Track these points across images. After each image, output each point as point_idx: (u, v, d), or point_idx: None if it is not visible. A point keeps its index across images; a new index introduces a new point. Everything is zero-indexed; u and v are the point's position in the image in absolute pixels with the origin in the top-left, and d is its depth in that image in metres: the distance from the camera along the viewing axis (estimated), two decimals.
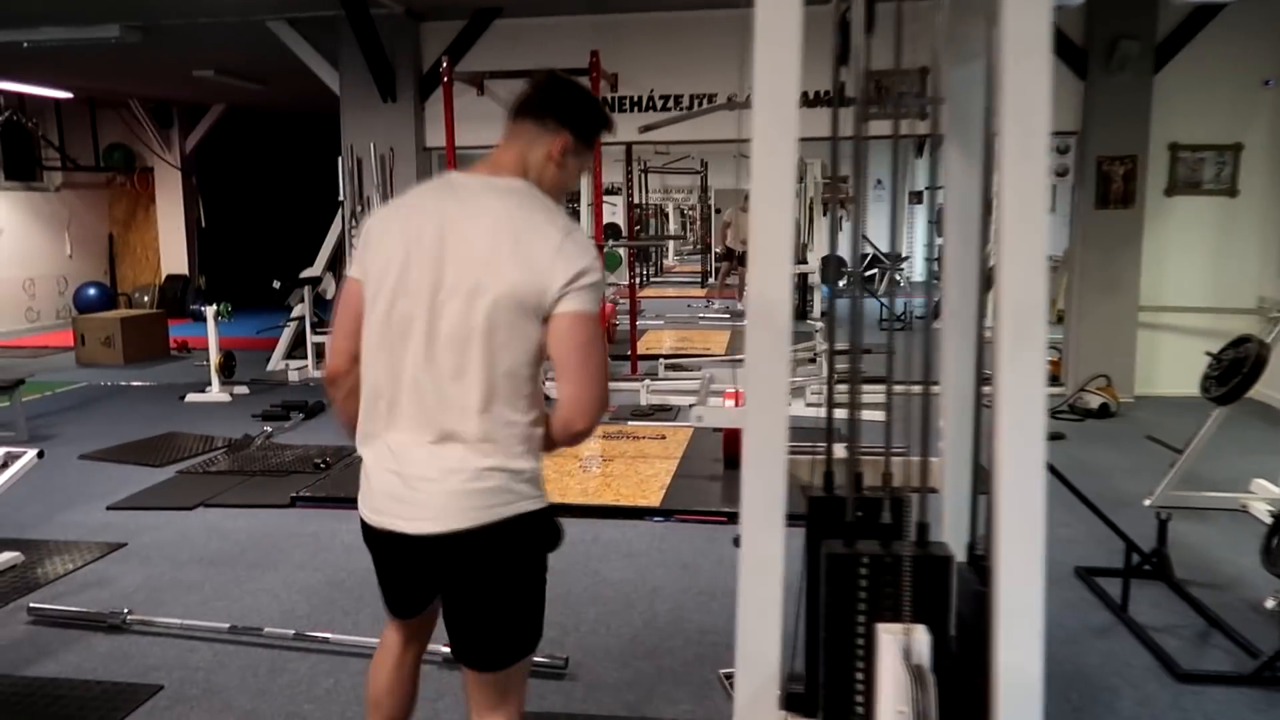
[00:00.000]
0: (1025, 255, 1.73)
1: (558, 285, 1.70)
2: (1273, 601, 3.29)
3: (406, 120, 7.14)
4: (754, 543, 1.90)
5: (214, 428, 6.19)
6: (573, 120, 1.85)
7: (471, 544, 1.72)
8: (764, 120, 1.82)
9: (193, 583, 3.64)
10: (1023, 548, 1.78)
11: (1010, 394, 1.72)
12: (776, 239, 1.83)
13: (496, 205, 1.75)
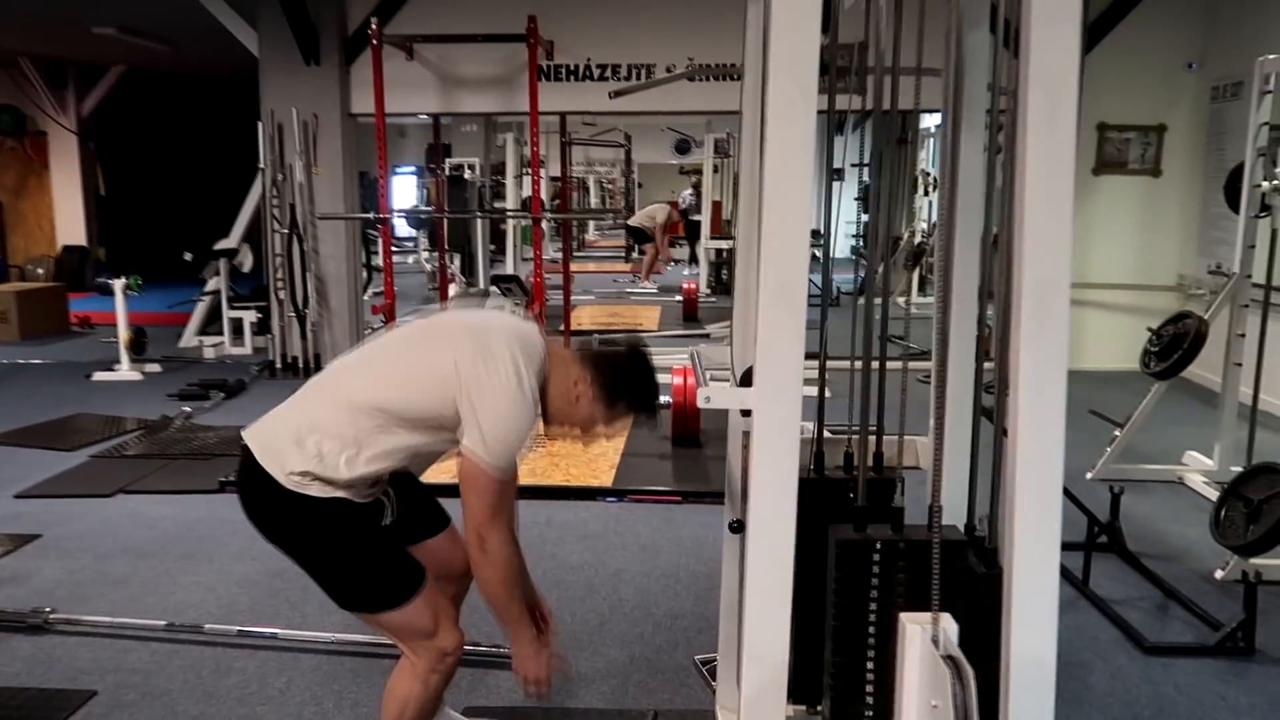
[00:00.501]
0: (1049, 227, 1.66)
1: (475, 410, 1.87)
2: (1222, 572, 3.38)
3: (331, 85, 6.79)
4: (763, 532, 1.80)
5: (126, 408, 5.83)
6: (603, 367, 2.00)
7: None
8: (780, 89, 1.70)
9: (119, 576, 3.38)
10: (1039, 532, 1.72)
11: (1030, 372, 1.65)
12: (794, 213, 1.73)
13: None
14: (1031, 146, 1.65)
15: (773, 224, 1.74)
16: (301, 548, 1.93)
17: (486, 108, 7.12)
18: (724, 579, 2.41)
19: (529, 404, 1.86)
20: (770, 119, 1.71)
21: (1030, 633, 1.72)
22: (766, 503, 1.81)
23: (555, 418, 2.00)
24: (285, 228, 6.81)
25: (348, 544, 1.91)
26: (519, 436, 1.86)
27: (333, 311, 7.06)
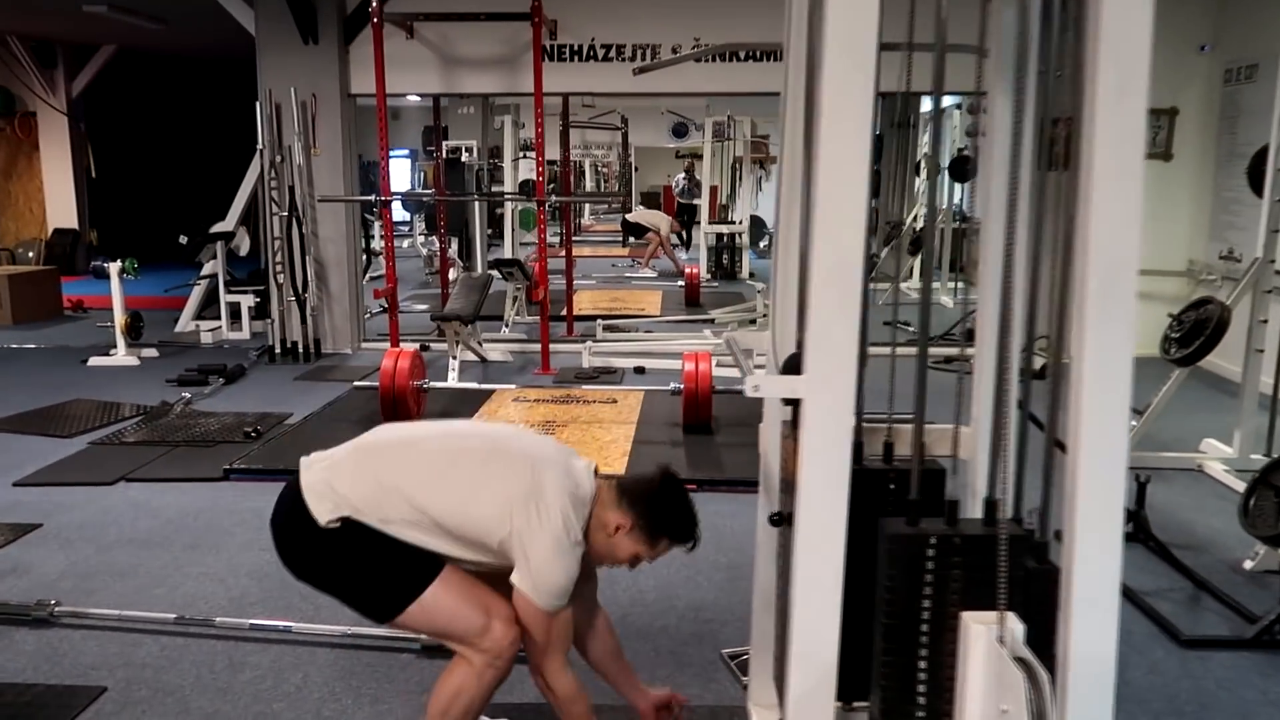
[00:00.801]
0: (1118, 208, 1.58)
1: (529, 555, 1.96)
2: (1251, 562, 3.32)
3: (330, 64, 6.67)
4: (814, 527, 1.72)
5: (124, 394, 5.72)
6: (639, 499, 2.06)
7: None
8: (837, 67, 1.61)
9: (124, 568, 3.29)
10: (1101, 527, 1.65)
11: (1094, 359, 1.58)
12: (850, 193, 1.64)
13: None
14: (1100, 124, 1.57)
15: (827, 204, 1.65)
16: (323, 573, 2.02)
17: (488, 88, 7.01)
18: (758, 572, 2.33)
19: (575, 554, 1.94)
20: (826, 98, 1.63)
21: (1091, 630, 1.65)
22: (817, 496, 1.73)
23: (600, 558, 2.07)
24: (284, 211, 6.68)
25: (364, 555, 1.95)
26: (567, 580, 1.92)
27: (333, 296, 6.95)
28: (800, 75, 2.09)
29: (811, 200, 1.72)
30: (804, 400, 1.71)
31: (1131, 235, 1.58)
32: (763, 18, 6.48)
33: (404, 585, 1.93)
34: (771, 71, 6.65)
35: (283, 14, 6.46)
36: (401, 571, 1.94)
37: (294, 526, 1.98)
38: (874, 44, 1.62)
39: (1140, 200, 1.58)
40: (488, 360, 6.58)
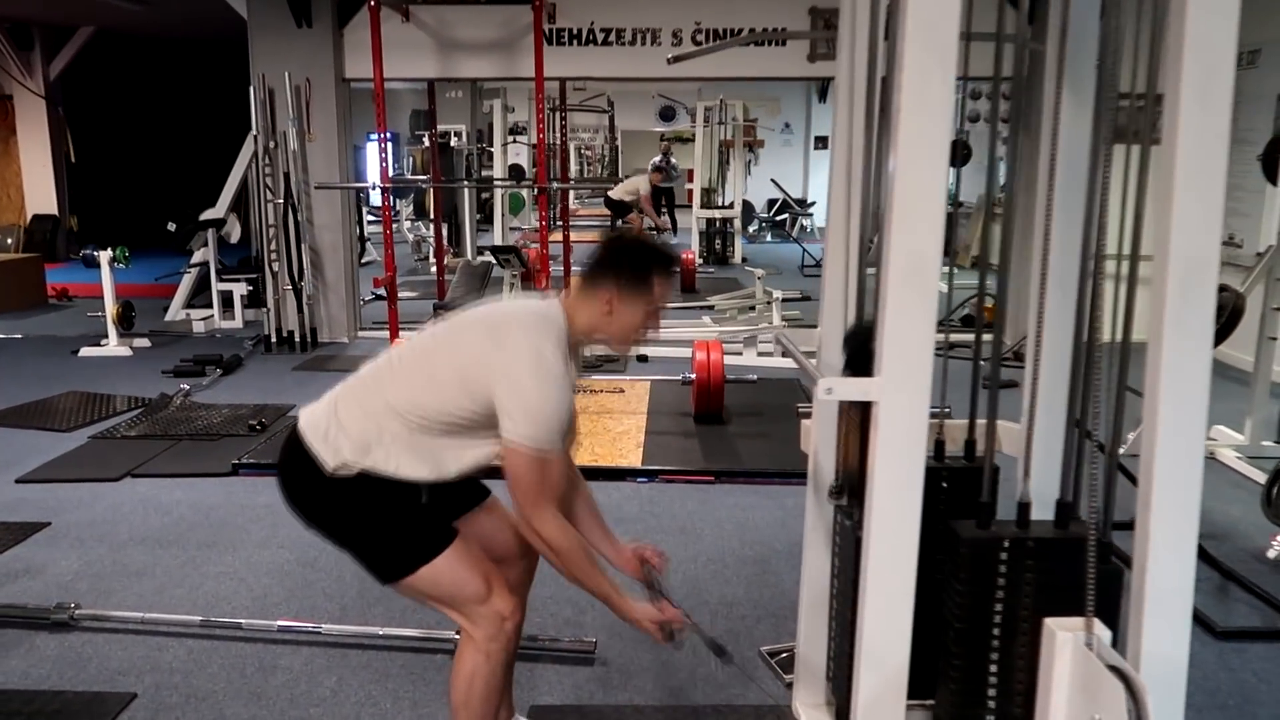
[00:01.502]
0: (1200, 206, 1.56)
1: (504, 400, 1.84)
2: (1274, 550, 3.34)
3: (325, 48, 6.54)
4: (886, 528, 1.70)
5: (119, 385, 5.61)
6: (615, 262, 1.92)
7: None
8: (917, 54, 1.57)
9: (141, 567, 3.22)
10: (1177, 530, 1.64)
11: (1172, 357, 1.56)
12: (929, 188, 1.61)
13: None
14: (1182, 119, 1.54)
15: (904, 199, 1.62)
16: (335, 523, 1.95)
17: (486, 73, 6.90)
18: (807, 568, 2.30)
19: (556, 374, 1.82)
20: (905, 89, 1.59)
21: (1164, 632, 1.64)
22: (891, 499, 1.70)
23: (612, 341, 1.97)
24: (279, 198, 6.57)
25: (377, 511, 1.91)
26: (554, 408, 1.81)
27: (328, 284, 6.85)
28: (856, 67, 2.04)
29: (885, 198, 1.68)
30: (879, 402, 1.67)
31: (1213, 234, 1.56)
32: (758, 2, 6.42)
33: (417, 549, 1.91)
34: (768, 56, 6.60)
35: None
36: (415, 534, 1.93)
37: (301, 473, 1.90)
38: (955, 34, 1.59)
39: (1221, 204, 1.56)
40: None
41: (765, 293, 7.11)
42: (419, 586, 1.92)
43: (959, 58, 1.59)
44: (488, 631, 1.92)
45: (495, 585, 1.93)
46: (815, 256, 10.68)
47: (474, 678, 1.94)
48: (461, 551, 1.93)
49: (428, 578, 1.90)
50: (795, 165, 16.75)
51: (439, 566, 1.89)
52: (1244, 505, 3.74)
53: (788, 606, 2.91)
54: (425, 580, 1.90)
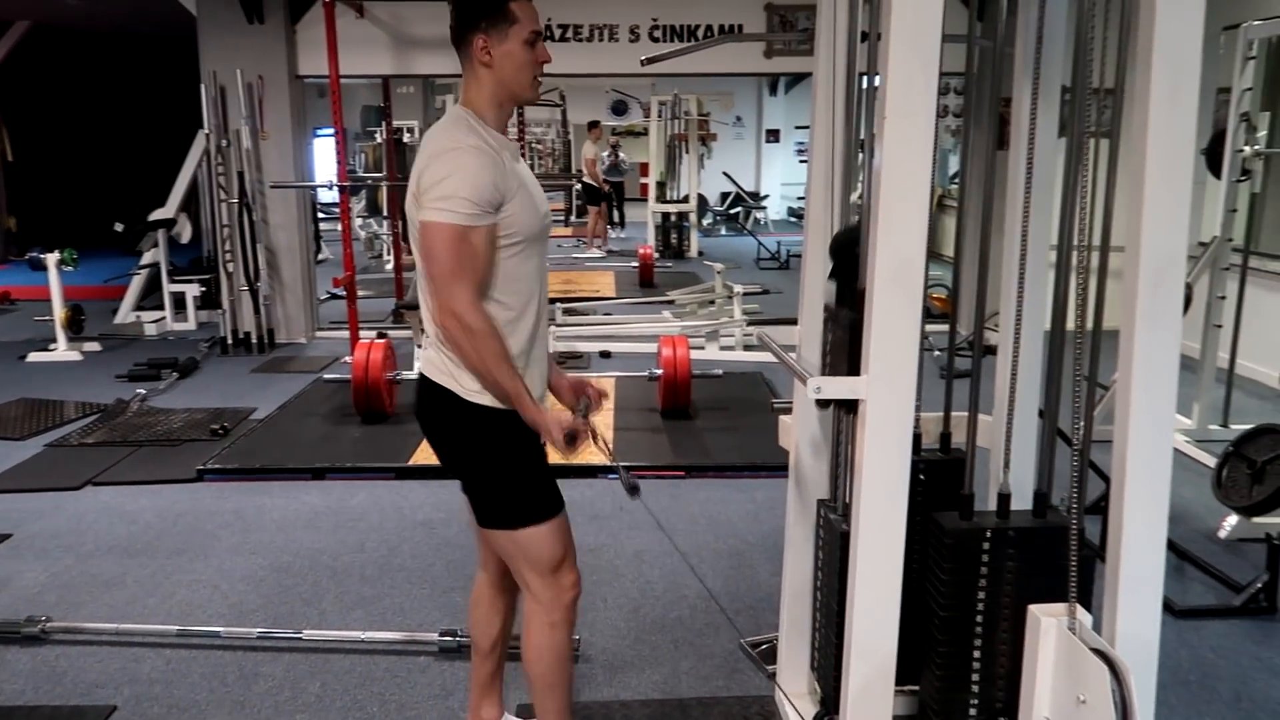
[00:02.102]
0: (1168, 208, 1.64)
1: (421, 196, 1.78)
2: (1225, 531, 3.47)
3: (277, 44, 6.44)
4: (872, 525, 1.75)
5: (71, 391, 5.49)
6: (469, 11, 1.83)
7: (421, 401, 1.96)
8: (900, 64, 1.62)
9: (110, 578, 3.17)
10: (1147, 514, 1.71)
11: (1143, 350, 1.63)
12: (913, 192, 1.65)
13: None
14: (1152, 123, 1.61)
15: (890, 203, 1.66)
16: (475, 458, 1.93)
17: (442, 69, 6.86)
18: (788, 560, 2.35)
19: (465, 147, 1.77)
20: (890, 96, 1.63)
21: (1137, 614, 1.70)
22: (877, 495, 1.75)
23: (515, 91, 1.85)
24: (233, 197, 6.46)
25: (517, 454, 1.92)
26: (465, 174, 1.74)
27: (285, 284, 6.77)
28: (835, 67, 2.08)
29: (870, 203, 1.72)
30: (865, 400, 1.72)
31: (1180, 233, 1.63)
32: None
33: (540, 504, 1.93)
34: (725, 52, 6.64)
35: None
36: (543, 490, 1.95)
37: (441, 407, 1.89)
38: (938, 43, 1.63)
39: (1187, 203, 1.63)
40: None
41: (725, 287, 7.17)
42: (519, 540, 1.93)
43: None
44: (551, 600, 1.97)
45: (569, 555, 2.00)
46: (770, 249, 10.79)
47: (546, 650, 1.99)
48: (565, 520, 1.98)
49: (534, 535, 1.92)
50: (748, 158, 16.87)
51: (546, 530, 1.93)
52: (1194, 487, 3.89)
53: (765, 599, 2.97)
54: (529, 536, 1.92)
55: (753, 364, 5.92)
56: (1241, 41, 4.21)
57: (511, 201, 1.81)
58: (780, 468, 2.44)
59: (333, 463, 4.19)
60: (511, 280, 1.86)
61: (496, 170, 1.78)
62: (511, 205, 1.81)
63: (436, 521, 3.63)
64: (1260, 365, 5.35)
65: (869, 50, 1.97)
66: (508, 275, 1.85)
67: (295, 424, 4.80)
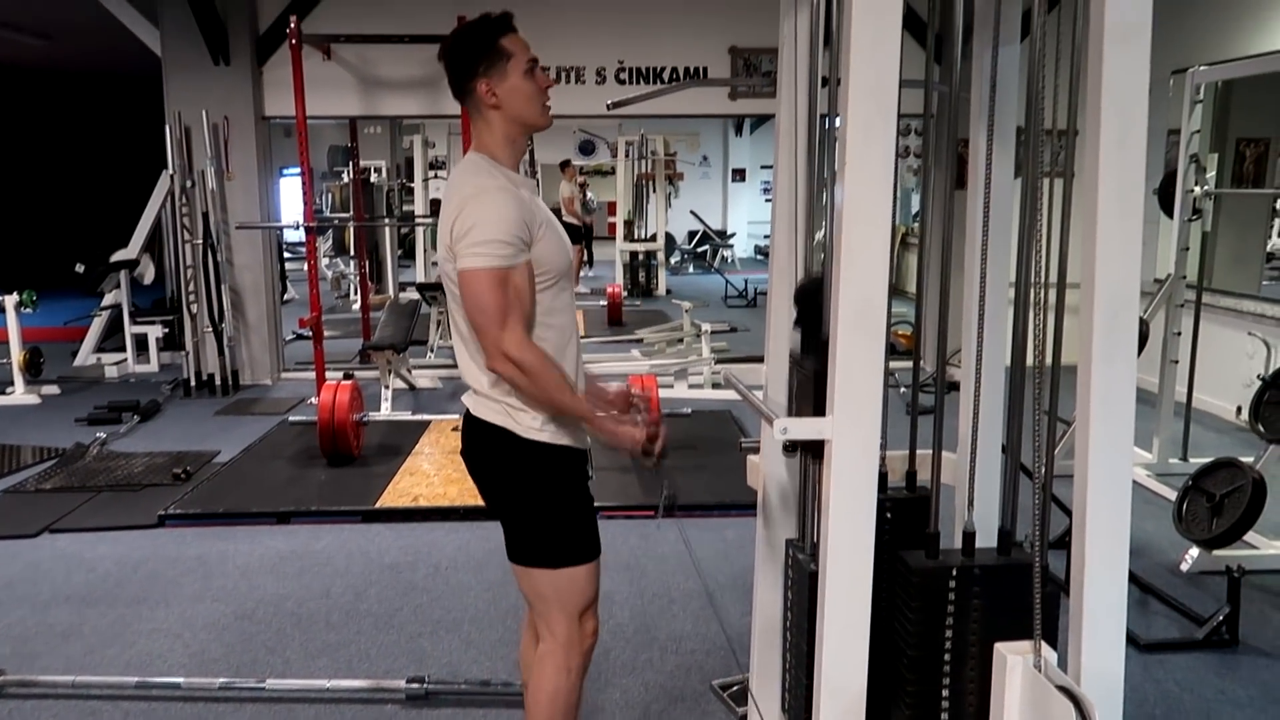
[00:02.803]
0: (1120, 250, 1.67)
1: (456, 247, 1.79)
2: (1186, 564, 3.52)
3: (243, 85, 6.44)
4: (840, 565, 1.75)
5: (29, 436, 5.39)
6: (464, 61, 1.86)
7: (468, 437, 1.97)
8: (859, 110, 1.65)
9: (67, 628, 3.10)
10: (1108, 550, 1.73)
11: (1100, 389, 1.66)
12: (874, 231, 1.68)
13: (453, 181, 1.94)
14: (1103, 165, 1.66)
15: (852, 245, 1.69)
16: (526, 496, 1.93)
17: (409, 110, 6.88)
18: (758, 601, 2.35)
19: (491, 188, 1.80)
20: (850, 140, 1.66)
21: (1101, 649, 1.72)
22: (844, 534, 1.76)
23: (525, 121, 1.89)
24: (197, 238, 6.41)
25: (568, 493, 1.94)
26: (496, 216, 1.76)
27: (250, 325, 6.71)
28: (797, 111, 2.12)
29: (832, 244, 1.75)
30: (831, 440, 1.73)
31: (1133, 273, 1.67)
32: (680, 41, 6.59)
33: (581, 545, 1.95)
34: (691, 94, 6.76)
35: (191, 34, 6.22)
36: (585, 530, 1.96)
37: (491, 443, 1.90)
38: (896, 89, 1.67)
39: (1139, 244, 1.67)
40: (417, 388, 6.45)
41: (693, 325, 7.20)
42: (558, 579, 1.93)
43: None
44: (571, 644, 1.97)
45: (595, 604, 2.01)
46: (737, 287, 10.87)
47: (558, 694, 1.97)
48: (599, 565, 1.99)
49: (572, 576, 1.93)
50: (714, 197, 17.05)
51: (584, 571, 1.95)
52: (1156, 521, 3.94)
53: (735, 639, 2.96)
54: (568, 576, 1.93)
55: (721, 402, 5.94)
56: (1189, 86, 4.35)
57: (540, 240, 1.84)
58: (749, 506, 2.45)
59: (298, 506, 4.13)
60: (551, 314, 1.89)
61: (522, 208, 1.81)
62: (540, 243, 1.84)
63: (404, 565, 3.59)
64: (1217, 399, 5.46)
65: (829, 94, 2.02)
66: (546, 309, 1.88)
67: (260, 467, 4.74)
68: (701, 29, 6.61)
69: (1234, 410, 5.33)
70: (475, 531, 3.88)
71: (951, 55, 1.93)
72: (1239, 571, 2.96)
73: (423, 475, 4.54)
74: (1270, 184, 5.91)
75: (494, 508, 1.99)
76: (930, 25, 2.09)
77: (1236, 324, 5.38)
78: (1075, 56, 1.74)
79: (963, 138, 2.07)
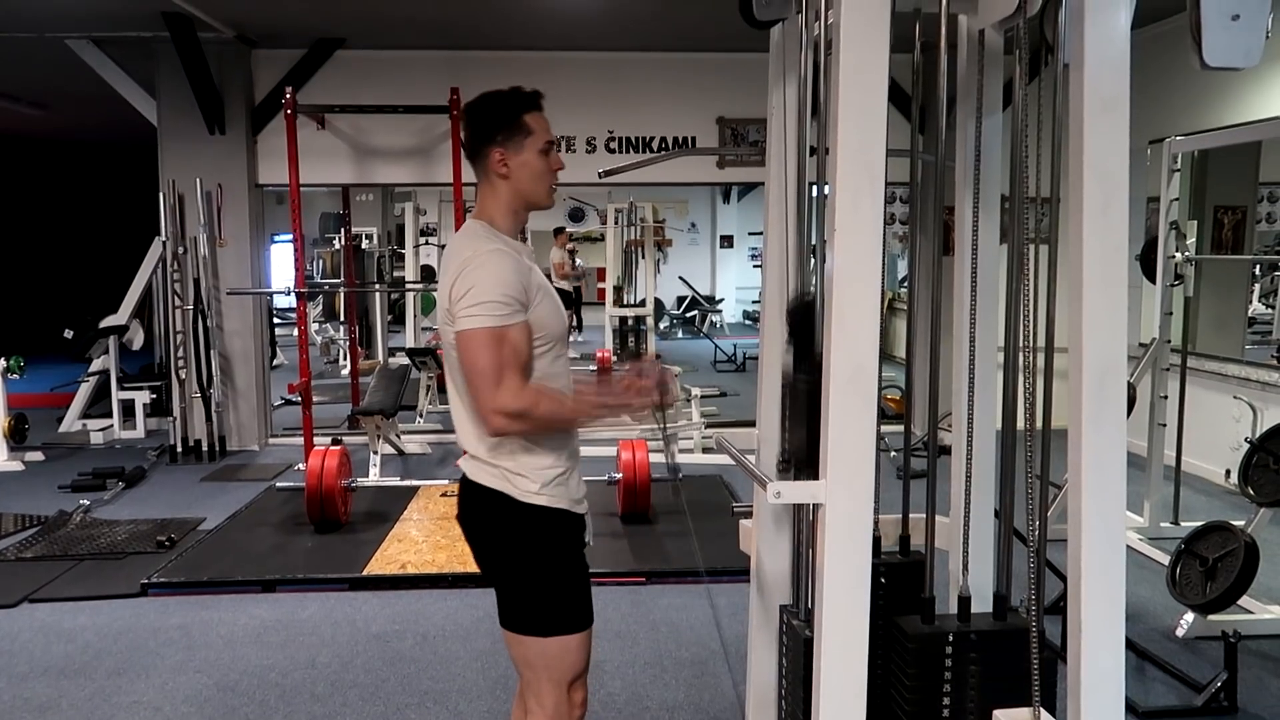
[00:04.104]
0: (1106, 315, 1.69)
1: (454, 309, 1.80)
2: (1182, 629, 3.49)
3: (238, 154, 6.52)
4: (836, 630, 1.73)
5: (10, 503, 5.32)
6: (485, 126, 1.88)
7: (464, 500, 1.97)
8: (848, 176, 1.69)
9: (45, 701, 3.02)
10: (1104, 614, 1.72)
11: (1091, 455, 1.66)
12: (864, 294, 1.70)
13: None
14: (1087, 234, 1.69)
15: (843, 309, 1.71)
16: (520, 561, 1.92)
17: (402, 178, 6.97)
18: (752, 667, 2.32)
19: (488, 251, 1.81)
20: (839, 208, 1.69)
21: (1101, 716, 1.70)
22: (839, 600, 1.74)
23: (532, 198, 1.93)
24: (188, 303, 6.43)
25: (563, 560, 1.93)
26: (492, 278, 1.77)
27: (239, 390, 6.68)
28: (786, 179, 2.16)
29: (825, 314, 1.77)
30: (825, 504, 1.73)
31: (1119, 338, 1.69)
32: (669, 111, 6.74)
33: (574, 614, 1.93)
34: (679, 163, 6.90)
35: (188, 104, 6.31)
36: (579, 599, 1.95)
37: (488, 509, 1.90)
38: (883, 158, 1.71)
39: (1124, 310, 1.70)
40: (406, 453, 6.41)
41: (683, 390, 7.21)
42: (548, 648, 1.91)
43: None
44: (558, 715, 1.94)
45: (585, 675, 1.99)
46: (726, 352, 10.92)
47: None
48: (590, 635, 1.97)
49: (563, 645, 1.91)
50: (703, 263, 17.22)
51: (575, 641, 1.93)
52: (1150, 585, 3.92)
53: (729, 708, 2.91)
54: (558, 645, 1.91)
55: (712, 467, 5.92)
56: (1166, 155, 4.45)
57: (537, 305, 1.85)
58: (742, 572, 2.43)
59: (284, 574, 4.07)
60: (547, 379, 1.89)
61: (520, 271, 1.82)
62: (538, 308, 1.85)
63: (391, 634, 3.53)
64: (1206, 463, 5.48)
65: (818, 162, 2.06)
66: (543, 375, 1.88)
67: (246, 534, 4.68)
68: (690, 100, 6.76)
69: (1223, 473, 5.34)
70: (464, 599, 3.83)
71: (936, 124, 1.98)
72: (1235, 637, 2.93)
73: (411, 541, 4.49)
74: (1248, 250, 6.03)
75: (488, 573, 1.97)
76: (914, 98, 2.14)
77: (1222, 387, 5.43)
78: (1056, 125, 1.79)
79: (948, 205, 2.11)
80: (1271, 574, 3.96)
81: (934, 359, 2.26)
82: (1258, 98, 5.36)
